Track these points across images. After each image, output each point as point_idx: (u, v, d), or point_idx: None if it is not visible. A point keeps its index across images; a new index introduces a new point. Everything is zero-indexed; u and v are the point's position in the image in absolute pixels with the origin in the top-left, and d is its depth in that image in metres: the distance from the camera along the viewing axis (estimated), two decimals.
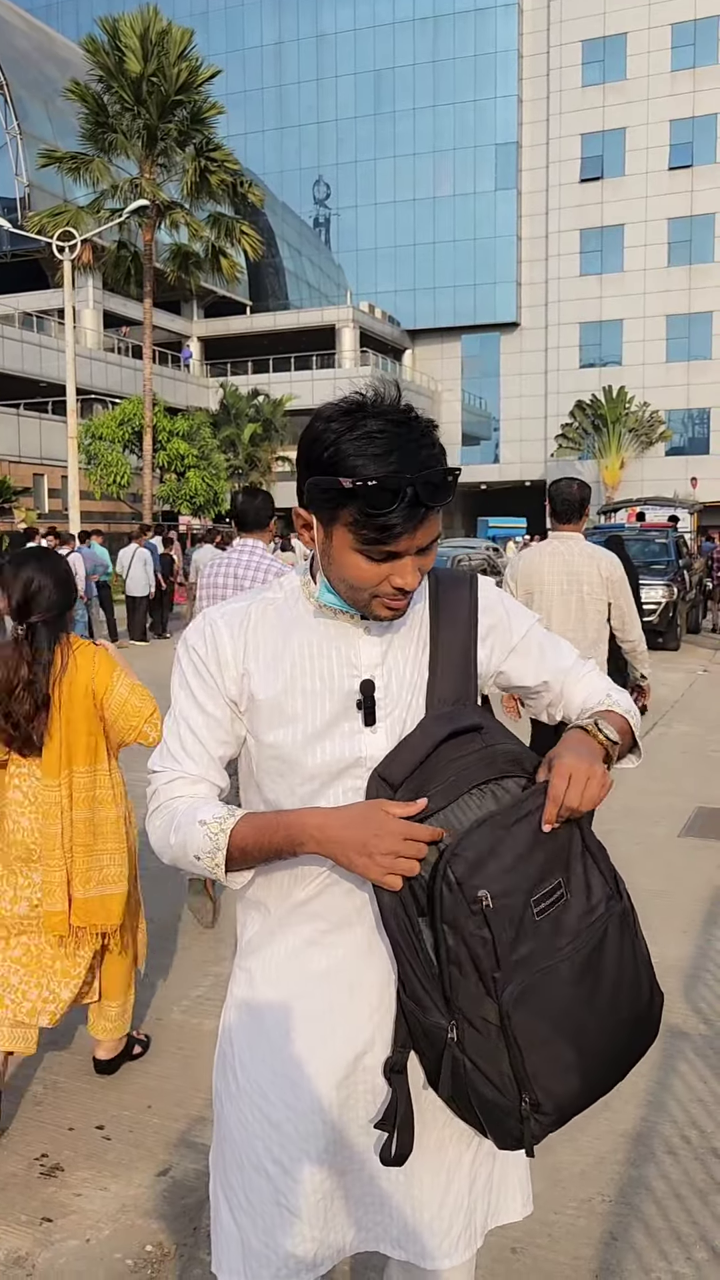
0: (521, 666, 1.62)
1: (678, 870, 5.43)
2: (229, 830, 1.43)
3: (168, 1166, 2.93)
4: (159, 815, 1.54)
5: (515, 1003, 1.34)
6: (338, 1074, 1.49)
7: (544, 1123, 1.38)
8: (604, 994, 1.41)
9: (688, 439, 48.83)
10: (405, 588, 1.41)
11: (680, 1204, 2.74)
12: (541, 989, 1.35)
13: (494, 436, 54.46)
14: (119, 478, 27.21)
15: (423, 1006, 1.38)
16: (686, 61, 47.28)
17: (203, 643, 1.54)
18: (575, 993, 1.38)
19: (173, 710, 1.58)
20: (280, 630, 1.53)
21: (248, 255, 27.10)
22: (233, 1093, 1.56)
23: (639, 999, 1.46)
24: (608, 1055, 1.43)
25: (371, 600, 1.44)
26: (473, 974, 1.34)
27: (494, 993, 1.34)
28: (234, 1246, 1.54)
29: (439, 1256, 1.54)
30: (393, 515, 1.33)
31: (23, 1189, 2.84)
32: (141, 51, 23.47)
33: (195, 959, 4.39)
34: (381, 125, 53.36)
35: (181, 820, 1.48)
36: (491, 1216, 1.60)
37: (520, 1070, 1.35)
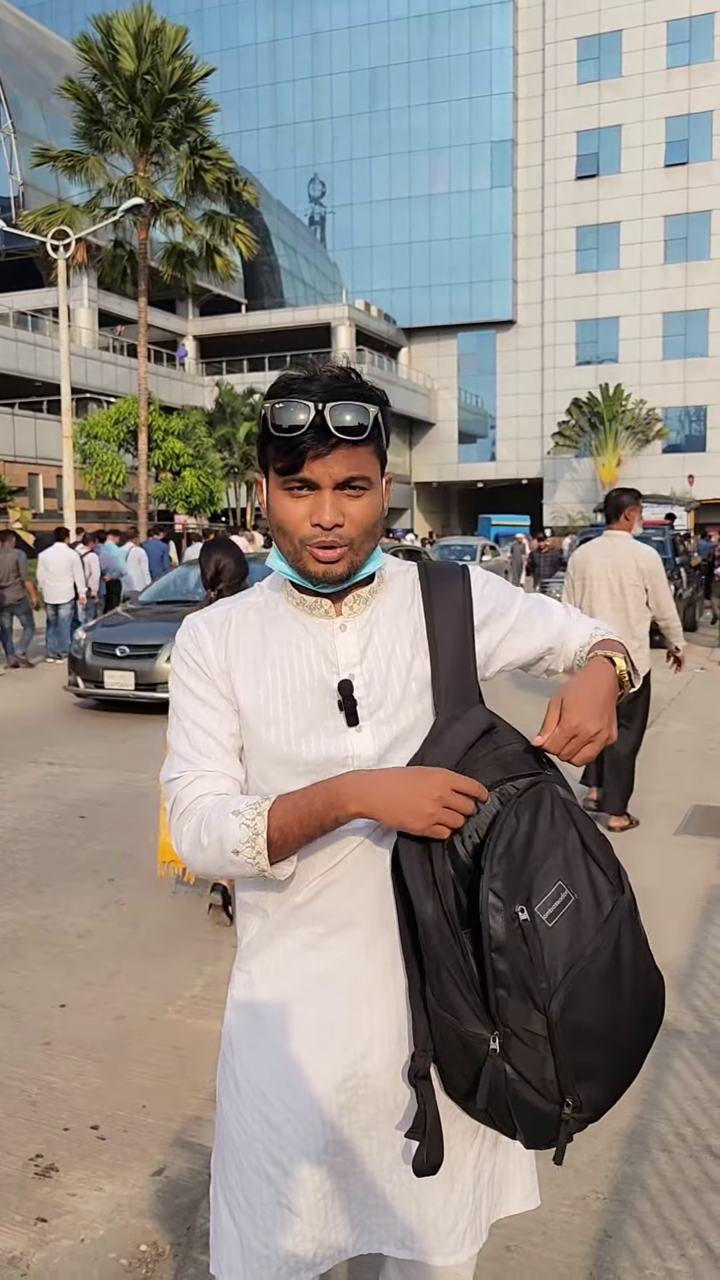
0: (524, 642, 1.64)
1: (674, 868, 5.43)
2: (265, 812, 1.39)
3: (163, 1166, 2.93)
4: (185, 820, 1.47)
5: (561, 1012, 1.33)
6: (337, 1076, 1.49)
7: (580, 1121, 1.40)
8: (626, 989, 1.41)
9: (685, 436, 48.86)
10: (322, 523, 1.42)
11: (675, 1201, 2.75)
12: (580, 995, 1.35)
13: (490, 434, 54.48)
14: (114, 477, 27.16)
15: (460, 1016, 1.36)
16: (682, 58, 47.30)
17: (190, 643, 1.55)
18: (605, 992, 1.38)
19: (174, 715, 1.55)
20: (259, 632, 1.54)
21: (243, 254, 27.04)
22: (232, 1094, 1.56)
23: (650, 986, 1.46)
24: (632, 1048, 1.44)
25: (301, 550, 1.46)
26: (519, 991, 1.33)
27: (541, 1007, 1.33)
28: (233, 1248, 1.54)
29: (445, 1253, 1.54)
30: (301, 437, 1.38)
31: (17, 1189, 2.84)
32: (135, 49, 23.40)
33: (190, 959, 4.39)
34: (376, 123, 53.33)
35: (212, 817, 1.43)
36: (494, 1210, 1.60)
37: (566, 1076, 1.35)
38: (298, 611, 1.54)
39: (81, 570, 14.48)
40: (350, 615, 1.53)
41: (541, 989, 1.33)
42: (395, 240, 53.84)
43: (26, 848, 5.98)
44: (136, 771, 7.77)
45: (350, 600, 1.54)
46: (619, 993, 1.40)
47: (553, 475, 50.60)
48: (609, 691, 1.47)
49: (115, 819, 6.52)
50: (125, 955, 4.44)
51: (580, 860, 1.42)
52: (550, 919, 1.35)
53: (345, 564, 1.46)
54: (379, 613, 1.54)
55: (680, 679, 11.90)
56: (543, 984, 1.33)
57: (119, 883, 5.34)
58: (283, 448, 1.41)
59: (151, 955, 4.44)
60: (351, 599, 1.54)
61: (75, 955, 4.46)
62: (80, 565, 14.47)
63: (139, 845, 5.91)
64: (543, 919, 1.35)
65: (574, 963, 1.35)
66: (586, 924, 1.38)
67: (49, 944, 4.58)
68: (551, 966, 1.34)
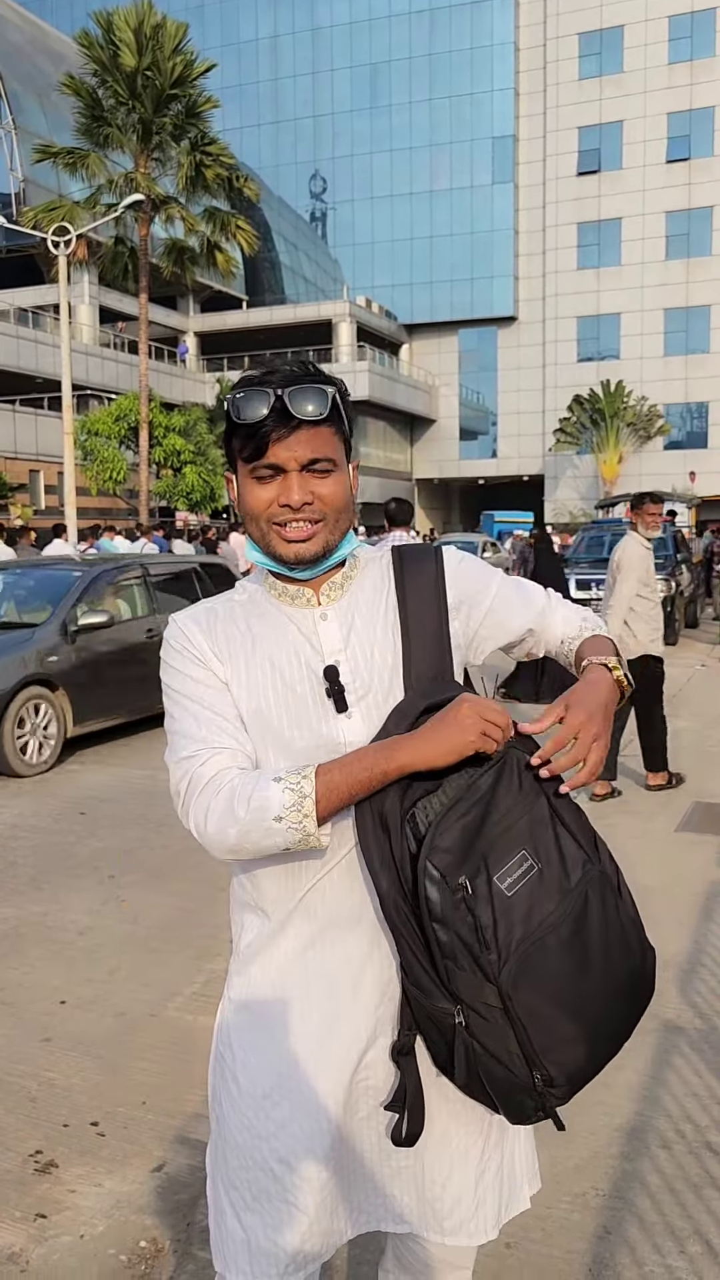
0: (503, 624, 1.64)
1: (675, 865, 5.43)
2: (311, 775, 1.37)
3: (162, 1162, 2.93)
4: (210, 794, 1.42)
5: (513, 983, 1.34)
6: (344, 1072, 1.49)
7: (557, 1094, 1.39)
8: (596, 959, 1.41)
9: (686, 433, 48.83)
10: (290, 503, 1.46)
11: (674, 1198, 2.74)
12: (535, 964, 1.35)
13: (491, 431, 54.45)
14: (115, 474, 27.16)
15: (427, 992, 1.38)
16: (684, 54, 47.21)
17: (180, 637, 1.56)
18: (568, 963, 1.38)
19: (175, 703, 1.53)
20: (244, 625, 1.55)
21: (244, 250, 27.02)
22: (234, 1096, 1.55)
23: (631, 958, 1.45)
24: (610, 1020, 1.43)
25: (269, 532, 1.49)
26: (468, 963, 1.34)
27: (492, 977, 1.34)
28: (240, 1247, 1.54)
29: (441, 1232, 1.56)
30: (262, 422, 1.43)
31: (17, 1185, 2.84)
32: (136, 45, 23.37)
33: (190, 955, 4.39)
34: (378, 119, 53.26)
35: (244, 789, 1.40)
36: (504, 1209, 1.61)
37: (529, 1048, 1.35)
38: (279, 603, 1.56)
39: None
40: (330, 603, 1.55)
41: (490, 960, 1.33)
42: (396, 236, 53.78)
43: (27, 844, 5.98)
44: (137, 768, 7.78)
45: (326, 588, 1.55)
46: (585, 962, 1.39)
47: (554, 472, 50.57)
48: (610, 699, 1.50)
49: (115, 816, 6.52)
50: (125, 952, 4.44)
51: (548, 829, 1.43)
52: (510, 888, 1.37)
53: (319, 542, 1.49)
54: (358, 598, 1.56)
55: (681, 676, 11.89)
56: (491, 955, 1.33)
57: (119, 879, 5.34)
58: (246, 435, 1.46)
59: (151, 952, 4.44)
60: (328, 586, 1.55)
61: (75, 952, 4.46)
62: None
63: (139, 842, 5.91)
64: (501, 888, 1.36)
65: (530, 933, 1.36)
66: (550, 893, 1.39)
67: (49, 940, 4.58)
68: (506, 937, 1.34)
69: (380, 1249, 1.76)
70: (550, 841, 1.42)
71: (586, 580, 15.48)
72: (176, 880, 5.28)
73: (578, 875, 1.42)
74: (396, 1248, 1.69)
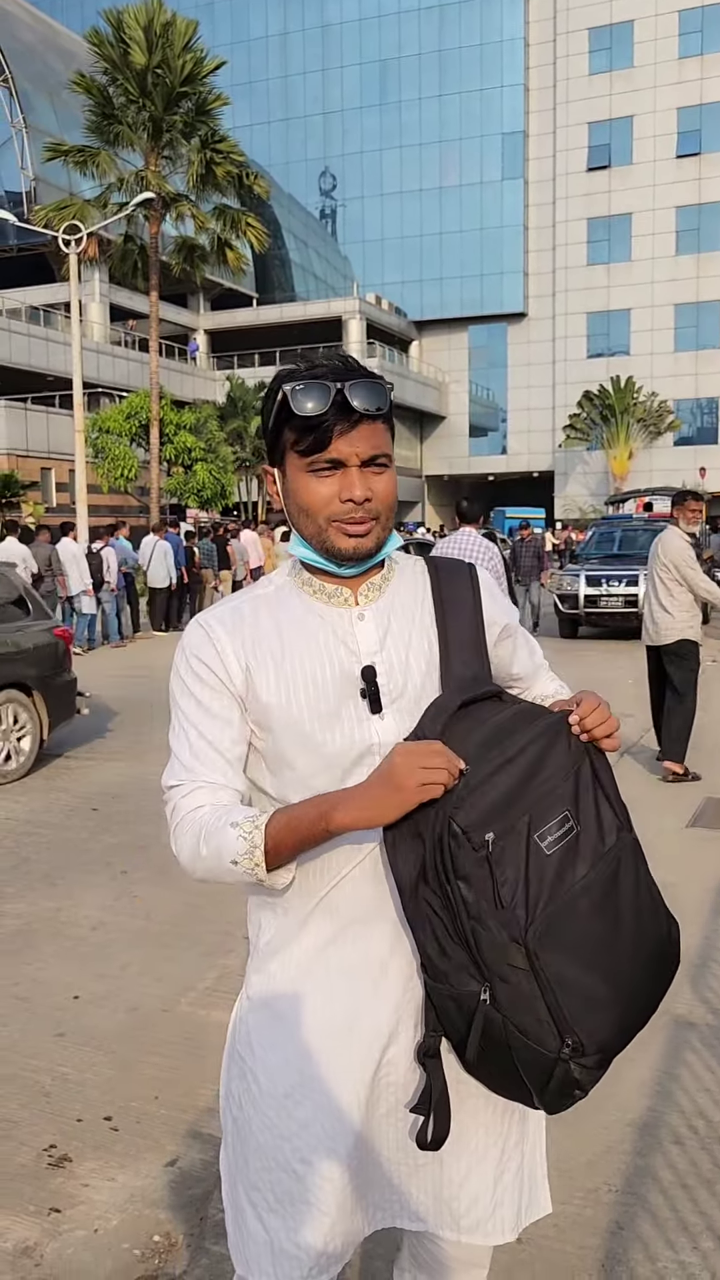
0: (509, 655, 1.67)
1: (685, 861, 5.42)
2: (263, 825, 1.40)
3: (175, 1157, 2.94)
4: (183, 830, 1.48)
5: (540, 940, 1.32)
6: (366, 1070, 1.49)
7: (588, 1065, 1.36)
8: (627, 925, 1.40)
9: (696, 429, 48.69)
10: (354, 498, 1.44)
11: (687, 1194, 2.74)
12: (564, 925, 1.34)
13: (501, 427, 54.38)
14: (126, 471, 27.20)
15: (449, 979, 1.37)
16: (694, 48, 47.04)
17: (202, 645, 1.52)
18: (599, 926, 1.37)
19: (177, 720, 1.54)
20: (275, 624, 1.52)
21: (253, 247, 27.02)
22: (255, 1096, 1.54)
23: (659, 927, 1.46)
24: (640, 988, 1.42)
25: (328, 528, 1.46)
26: (493, 922, 1.32)
27: (518, 937, 1.32)
28: (263, 1250, 1.53)
29: (458, 1231, 1.55)
30: (324, 415, 1.41)
31: (31, 1180, 2.85)
32: (146, 43, 23.38)
33: (203, 951, 4.40)
34: (387, 115, 53.20)
35: (210, 829, 1.44)
36: (525, 1212, 1.61)
37: (559, 1014, 1.33)
38: (313, 602, 1.53)
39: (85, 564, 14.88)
40: (367, 603, 1.53)
41: (518, 917, 1.32)
42: (406, 233, 53.72)
43: (40, 840, 6.01)
44: (149, 765, 7.80)
45: (365, 588, 1.54)
46: (616, 924, 1.39)
47: (564, 468, 50.48)
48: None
49: (128, 812, 6.54)
50: (138, 947, 4.46)
51: (591, 792, 1.44)
52: (549, 847, 1.36)
53: (374, 538, 1.49)
54: (394, 601, 1.55)
55: None
56: (519, 912, 1.32)
57: (131, 875, 5.36)
58: (305, 428, 1.43)
59: (164, 947, 4.45)
60: (366, 586, 1.54)
61: (88, 947, 4.47)
62: (84, 559, 14.91)
63: (151, 838, 5.93)
64: (541, 846, 1.35)
65: (561, 893, 1.35)
66: (584, 855, 1.39)
67: (62, 936, 4.60)
68: (535, 896, 1.33)
69: (396, 1247, 1.76)
70: (590, 804, 1.43)
71: (597, 576, 15.44)
72: (188, 876, 5.29)
73: (612, 840, 1.43)
74: (413, 1246, 1.69)
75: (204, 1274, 2.46)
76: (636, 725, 8.75)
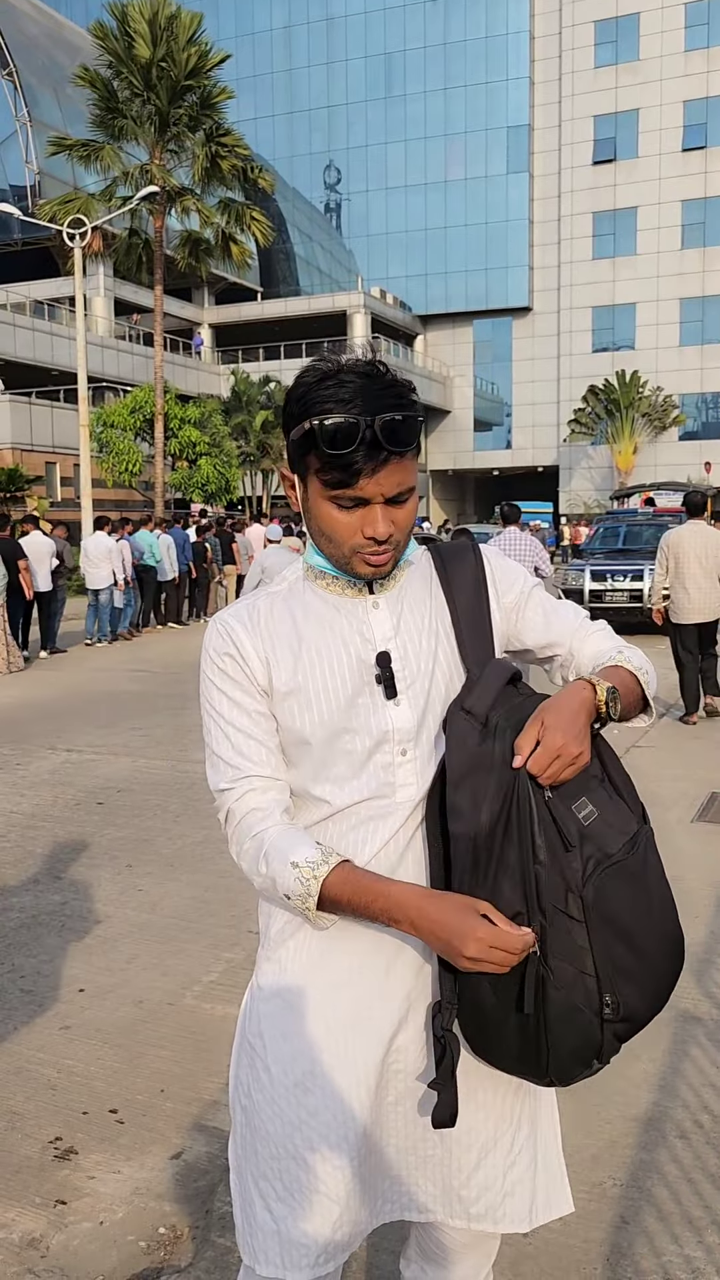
0: (527, 626, 1.63)
1: (691, 856, 5.41)
2: (321, 879, 1.42)
3: (181, 1150, 2.95)
4: (243, 839, 1.50)
5: (595, 895, 1.38)
6: (375, 1057, 1.50)
7: (619, 1032, 1.41)
8: (654, 905, 1.45)
9: (701, 423, 48.59)
10: (376, 536, 1.43)
11: (692, 1188, 2.74)
12: (610, 890, 1.40)
13: (506, 422, 54.30)
14: (131, 466, 27.20)
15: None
16: (700, 41, 46.86)
17: (224, 643, 1.53)
18: (636, 898, 1.42)
19: (214, 722, 1.55)
20: (290, 619, 1.54)
21: (258, 241, 26.98)
22: (265, 1085, 1.54)
23: (675, 921, 1.50)
24: (658, 969, 1.46)
25: (351, 556, 1.47)
26: (555, 868, 1.37)
27: (577, 886, 1.37)
28: (271, 1239, 1.53)
29: (466, 1219, 1.57)
30: (353, 455, 1.37)
31: (37, 1172, 2.86)
32: (150, 36, 23.33)
33: (208, 944, 4.41)
34: (392, 109, 53.07)
35: (271, 855, 1.46)
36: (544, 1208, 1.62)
37: (604, 967, 1.38)
38: (328, 594, 1.55)
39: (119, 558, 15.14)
40: (382, 592, 1.55)
41: (573, 868, 1.38)
42: (411, 227, 53.61)
43: (45, 834, 6.02)
44: (154, 759, 7.81)
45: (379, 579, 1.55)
46: (647, 901, 1.44)
47: (568, 463, 50.41)
48: (587, 716, 1.43)
49: (133, 805, 6.55)
50: (143, 941, 4.46)
51: (602, 787, 1.47)
52: (585, 819, 1.42)
53: (391, 561, 1.49)
54: (406, 590, 1.57)
55: None
56: (574, 864, 1.38)
57: (136, 869, 5.36)
58: (332, 464, 1.39)
59: (169, 941, 4.46)
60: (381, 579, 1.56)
61: (94, 941, 4.48)
62: (118, 553, 15.13)
63: (157, 831, 5.93)
64: (578, 816, 1.41)
65: (604, 860, 1.40)
66: (613, 834, 1.43)
67: (68, 929, 4.61)
68: (585, 854, 1.39)
69: (402, 1238, 1.77)
70: (606, 799, 1.46)
71: (602, 571, 15.42)
72: (194, 870, 5.30)
73: (633, 829, 1.47)
74: (420, 1238, 1.69)
75: (210, 1266, 2.47)
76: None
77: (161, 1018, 3.77)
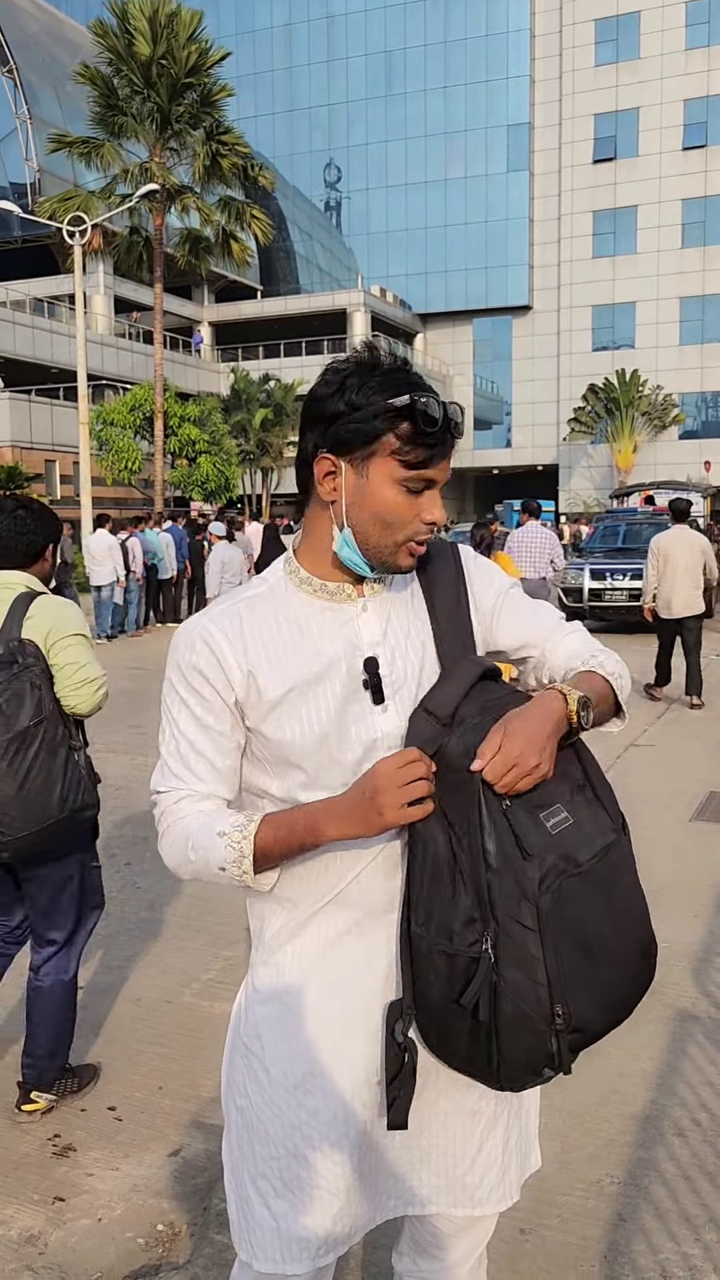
0: (502, 628, 1.62)
1: (689, 855, 5.42)
2: (251, 835, 1.43)
3: (179, 1147, 2.95)
4: (170, 835, 1.54)
5: (550, 904, 1.36)
6: (373, 1057, 1.50)
7: (572, 1042, 1.40)
8: (621, 918, 1.43)
9: (701, 422, 48.56)
10: (436, 521, 1.46)
11: (689, 1186, 2.75)
12: (570, 899, 1.37)
13: (506, 421, 54.26)
14: (130, 464, 27.19)
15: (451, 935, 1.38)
16: (701, 40, 46.80)
17: (199, 652, 1.49)
18: (598, 908, 1.40)
19: (169, 727, 1.54)
20: (274, 623, 1.50)
21: (258, 239, 26.99)
22: (264, 1085, 1.54)
23: (644, 934, 1.48)
24: (621, 983, 1.44)
25: (403, 544, 1.46)
26: (510, 875, 1.36)
27: (532, 895, 1.36)
28: (269, 1235, 1.54)
29: (470, 1205, 1.58)
30: (440, 434, 1.41)
31: (35, 1169, 2.86)
32: (151, 34, 23.31)
33: (207, 942, 4.41)
34: (392, 107, 53.02)
35: (197, 836, 1.48)
36: (523, 1170, 1.65)
37: (555, 977, 1.36)
38: (314, 599, 1.52)
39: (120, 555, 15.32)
40: (371, 595, 1.53)
41: (529, 878, 1.35)
42: (411, 225, 53.57)
43: None
44: (152, 756, 7.76)
45: (370, 582, 1.53)
46: (613, 912, 1.42)
47: (568, 462, 50.39)
48: (555, 728, 1.40)
49: (132, 804, 6.55)
50: (142, 938, 4.47)
51: (581, 794, 1.45)
52: (554, 829, 1.39)
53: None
54: (393, 592, 1.55)
55: None
56: (531, 874, 1.35)
57: (135, 867, 5.37)
58: (422, 442, 1.41)
59: (168, 939, 4.46)
60: (371, 581, 1.53)
61: (93, 938, 4.47)
62: (119, 550, 15.30)
63: (154, 830, 5.93)
64: (546, 826, 1.39)
65: (566, 870, 1.38)
66: (583, 843, 1.41)
67: None
68: (543, 860, 1.37)
69: (395, 1233, 1.77)
70: (584, 805, 1.45)
71: (601, 570, 15.42)
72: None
73: (609, 839, 1.45)
74: (414, 1229, 1.70)
75: (207, 1263, 2.48)
76: (640, 720, 8.76)
77: (160, 1015, 3.77)
